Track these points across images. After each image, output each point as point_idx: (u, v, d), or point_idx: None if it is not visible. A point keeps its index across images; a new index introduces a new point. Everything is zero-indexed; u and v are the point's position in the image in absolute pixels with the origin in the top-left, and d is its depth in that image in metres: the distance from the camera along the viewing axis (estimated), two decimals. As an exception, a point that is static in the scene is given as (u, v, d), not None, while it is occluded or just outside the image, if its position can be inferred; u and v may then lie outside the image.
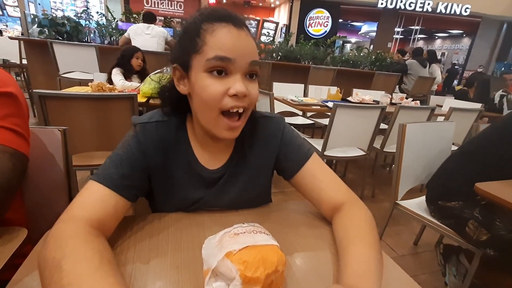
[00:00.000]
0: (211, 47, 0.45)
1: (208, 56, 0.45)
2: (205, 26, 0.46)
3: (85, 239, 0.38)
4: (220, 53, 0.45)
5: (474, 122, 2.25)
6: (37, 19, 3.30)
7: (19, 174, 0.52)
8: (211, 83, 0.46)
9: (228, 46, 0.45)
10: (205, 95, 0.47)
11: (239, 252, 0.35)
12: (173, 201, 0.57)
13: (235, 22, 0.47)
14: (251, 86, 0.49)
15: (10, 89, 0.54)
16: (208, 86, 0.46)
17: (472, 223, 1.00)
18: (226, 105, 0.47)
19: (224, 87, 0.46)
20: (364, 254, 0.42)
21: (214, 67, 0.46)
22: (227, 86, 0.46)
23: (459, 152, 1.19)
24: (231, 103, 0.47)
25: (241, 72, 0.47)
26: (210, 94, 0.46)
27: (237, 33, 0.46)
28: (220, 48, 0.45)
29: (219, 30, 0.46)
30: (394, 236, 1.74)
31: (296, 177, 0.59)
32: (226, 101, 0.47)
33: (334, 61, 4.35)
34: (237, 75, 0.47)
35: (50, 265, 0.34)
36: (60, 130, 0.69)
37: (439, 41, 12.14)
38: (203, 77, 0.46)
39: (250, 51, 0.48)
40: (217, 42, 0.45)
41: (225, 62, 0.45)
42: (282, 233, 0.53)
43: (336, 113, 1.74)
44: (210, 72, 0.46)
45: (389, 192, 2.28)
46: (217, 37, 0.45)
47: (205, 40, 0.46)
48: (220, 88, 0.46)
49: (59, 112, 1.26)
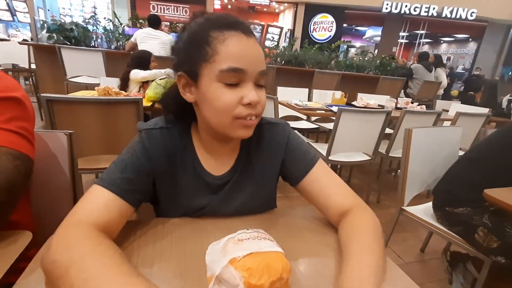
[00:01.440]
0: (224, 58, 0.45)
1: (221, 67, 0.45)
2: (214, 34, 0.46)
3: (96, 240, 0.39)
4: (233, 65, 0.45)
5: (481, 127, 2.22)
6: (46, 25, 3.37)
7: (22, 176, 0.52)
8: (224, 92, 0.46)
9: (240, 56, 0.46)
10: (219, 104, 0.47)
11: (243, 259, 0.35)
12: (178, 207, 0.57)
13: (244, 29, 0.47)
14: (260, 93, 0.49)
15: (16, 94, 0.55)
16: (222, 96, 0.46)
17: (481, 230, 0.98)
18: (240, 114, 0.48)
19: (237, 97, 0.47)
20: (364, 259, 0.42)
21: (228, 77, 0.46)
22: (240, 95, 0.47)
23: (466, 158, 1.17)
24: (246, 111, 0.48)
25: (252, 80, 0.48)
26: (224, 103, 0.47)
27: (247, 42, 0.46)
28: (233, 59, 0.45)
29: (230, 39, 0.45)
30: (401, 242, 1.71)
31: (302, 184, 0.58)
32: (240, 110, 0.47)
33: (338, 66, 4.35)
34: (249, 84, 0.47)
35: (61, 267, 0.34)
36: (66, 134, 0.69)
37: (445, 45, 12.08)
38: (216, 87, 0.46)
39: (260, 59, 0.48)
40: (229, 52, 0.45)
41: (238, 73, 0.46)
42: (286, 239, 0.52)
43: (340, 118, 1.73)
44: (223, 82, 0.46)
45: (394, 197, 2.26)
46: (229, 47, 0.45)
47: (216, 49, 0.45)
48: (234, 97, 0.46)
49: (66, 116, 1.27)
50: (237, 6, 9.33)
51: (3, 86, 0.54)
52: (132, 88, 2.13)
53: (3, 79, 0.55)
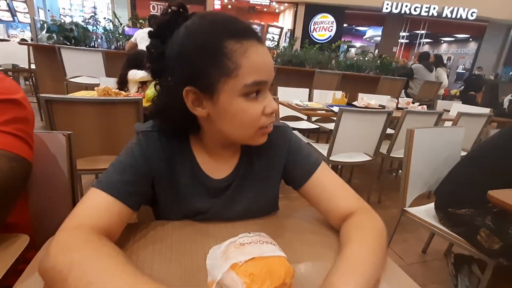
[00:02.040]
0: (248, 72, 0.43)
1: (246, 82, 0.43)
2: (230, 45, 0.42)
3: (100, 242, 0.39)
4: (257, 78, 0.44)
5: (483, 127, 2.21)
6: (46, 25, 3.37)
7: (18, 178, 0.52)
8: (250, 106, 0.46)
9: (261, 68, 0.45)
10: (244, 118, 0.46)
11: (245, 264, 0.34)
12: (178, 210, 0.56)
13: (258, 37, 0.46)
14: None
15: (15, 96, 0.54)
16: (248, 110, 0.46)
17: (483, 231, 0.97)
18: (264, 124, 0.48)
19: (261, 108, 0.47)
20: (357, 255, 0.41)
21: (252, 91, 0.45)
22: (262, 105, 0.47)
23: (468, 158, 1.17)
24: (268, 120, 0.48)
25: (268, 88, 0.48)
26: (250, 117, 0.46)
27: (263, 51, 0.46)
28: (256, 72, 0.44)
29: (250, 50, 0.43)
30: (402, 243, 1.70)
31: (305, 187, 0.57)
32: (264, 120, 0.48)
33: (339, 66, 4.34)
34: (267, 93, 0.47)
35: (61, 273, 0.33)
36: (65, 135, 0.69)
37: (445, 45, 12.08)
38: (240, 101, 0.45)
39: (273, 67, 0.48)
40: (253, 65, 0.44)
41: (261, 86, 0.46)
42: (288, 242, 0.51)
43: (341, 118, 1.72)
44: (247, 96, 0.45)
45: (395, 198, 2.25)
46: (251, 60, 0.43)
47: (238, 62, 0.42)
48: (258, 109, 0.46)
49: (66, 116, 1.27)
50: (237, 6, 9.32)
51: (3, 88, 0.53)
52: (131, 88, 2.12)
53: (3, 81, 0.55)
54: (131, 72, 2.09)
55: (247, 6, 9.15)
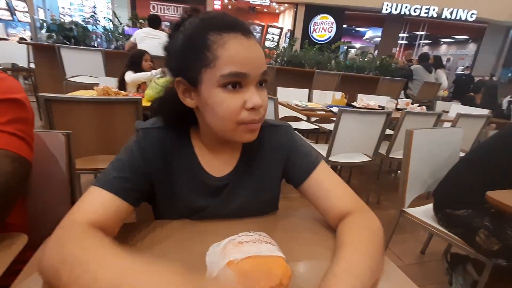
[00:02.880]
0: (225, 62, 0.44)
1: (223, 72, 0.44)
2: (212, 37, 0.44)
3: (93, 235, 0.39)
4: (235, 69, 0.44)
5: (482, 129, 2.22)
6: (45, 24, 3.36)
7: (20, 179, 0.52)
8: (227, 97, 0.45)
9: (242, 60, 0.44)
10: (221, 110, 0.46)
11: (241, 262, 0.34)
12: (177, 208, 0.56)
13: (244, 30, 0.45)
14: (262, 94, 0.48)
15: (17, 95, 0.54)
16: (224, 102, 0.45)
17: (482, 232, 0.97)
18: (244, 119, 0.46)
19: (240, 101, 0.46)
20: (353, 258, 0.41)
21: (229, 82, 0.44)
22: (243, 99, 0.46)
23: (466, 159, 1.17)
24: (249, 116, 0.46)
25: (254, 83, 0.46)
26: (226, 109, 0.45)
27: (248, 44, 0.45)
28: (234, 63, 0.44)
29: (230, 42, 0.44)
30: (401, 244, 1.70)
31: (304, 186, 0.57)
32: (243, 115, 0.46)
33: (338, 66, 4.35)
34: (251, 87, 0.46)
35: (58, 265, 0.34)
36: (64, 134, 0.69)
37: (445, 46, 12.09)
38: (217, 92, 0.45)
39: (261, 61, 0.47)
40: (230, 57, 0.44)
41: (240, 77, 0.45)
42: (287, 241, 0.51)
43: (341, 119, 1.72)
44: (225, 87, 0.45)
45: (394, 198, 2.26)
46: (230, 51, 0.44)
47: (216, 53, 0.44)
48: (236, 102, 0.45)
49: (65, 116, 1.26)
50: (237, 6, 9.32)
51: (4, 88, 0.53)
52: (130, 88, 2.13)
53: (5, 80, 0.55)
54: (126, 74, 2.11)
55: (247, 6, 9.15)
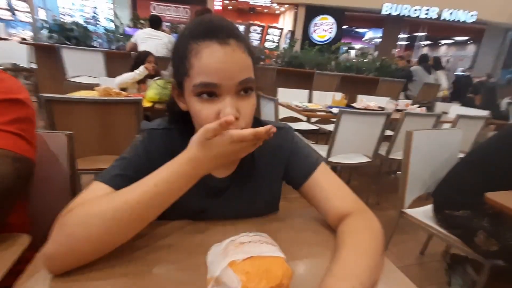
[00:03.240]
0: (197, 72, 0.44)
1: (195, 81, 0.44)
2: (191, 46, 0.44)
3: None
4: (204, 79, 0.43)
5: (481, 130, 2.22)
6: (47, 25, 3.37)
7: (21, 179, 0.52)
8: (202, 107, 0.45)
9: (212, 70, 0.43)
10: (198, 119, 0.46)
11: (242, 262, 0.35)
12: (179, 209, 0.56)
13: (220, 37, 0.43)
14: (244, 103, 0.46)
15: (19, 95, 0.55)
16: (200, 111, 0.45)
17: (481, 233, 0.98)
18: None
19: (214, 111, 0.44)
20: (352, 258, 0.41)
21: (202, 92, 0.44)
22: (218, 109, 0.44)
23: (465, 161, 1.17)
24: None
25: (231, 93, 0.44)
26: (202, 119, 0.45)
27: (221, 53, 0.43)
28: (204, 73, 0.43)
29: (203, 51, 0.43)
30: (400, 244, 1.71)
31: (304, 187, 0.58)
32: None
33: (338, 67, 4.35)
34: (226, 97, 0.44)
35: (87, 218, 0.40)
36: (67, 135, 0.69)
37: (444, 47, 12.12)
38: (194, 101, 0.45)
39: (239, 69, 0.44)
40: (201, 67, 0.43)
41: (211, 88, 0.44)
42: (287, 242, 0.52)
43: (341, 119, 1.73)
44: (200, 96, 0.45)
45: (394, 199, 2.26)
46: (201, 61, 0.43)
47: (191, 63, 0.44)
48: (211, 112, 0.44)
49: (66, 116, 1.27)
50: (238, 7, 9.33)
51: (6, 88, 0.53)
52: (130, 89, 2.13)
53: (7, 81, 0.55)
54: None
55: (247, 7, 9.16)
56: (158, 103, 1.77)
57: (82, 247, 0.39)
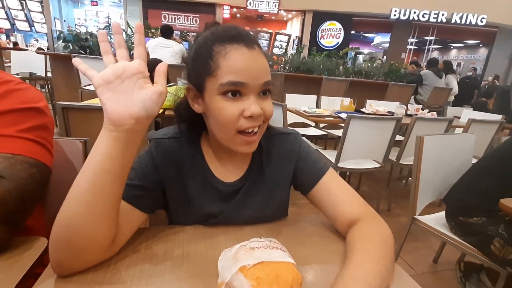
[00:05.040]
0: (225, 71, 0.46)
1: (222, 80, 0.46)
2: (217, 48, 0.47)
3: None
4: (233, 78, 0.46)
5: (495, 135, 2.17)
6: (62, 35, 3.50)
7: (37, 184, 0.53)
8: (226, 105, 0.47)
9: (241, 70, 0.46)
10: (221, 117, 0.48)
11: (253, 268, 0.35)
12: (191, 214, 0.58)
13: (247, 42, 0.47)
14: (265, 103, 0.49)
15: (38, 104, 0.57)
16: (224, 109, 0.47)
17: (497, 240, 0.95)
18: (242, 126, 0.48)
19: (239, 109, 0.47)
20: (363, 265, 0.41)
21: (228, 90, 0.46)
22: (241, 107, 0.47)
23: (479, 166, 1.15)
24: (247, 124, 0.48)
25: (254, 93, 0.48)
26: (225, 116, 0.47)
27: (249, 55, 0.47)
28: (233, 73, 0.46)
29: (232, 53, 0.46)
30: (412, 252, 1.67)
31: (312, 192, 0.58)
32: (241, 123, 0.48)
33: (346, 72, 4.34)
34: (251, 96, 0.47)
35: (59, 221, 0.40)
36: (82, 141, 0.71)
37: (455, 51, 11.91)
38: (218, 100, 0.47)
39: (263, 71, 0.48)
40: (230, 66, 0.46)
41: (239, 86, 0.46)
42: (296, 247, 0.52)
43: (349, 125, 1.72)
44: (225, 95, 0.47)
45: (405, 206, 2.21)
46: (230, 61, 0.46)
47: (218, 63, 0.46)
48: (235, 110, 0.47)
49: (80, 123, 1.31)
50: (246, 14, 9.46)
51: (28, 97, 0.56)
52: None
53: (28, 90, 0.57)
54: None
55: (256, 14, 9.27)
56: (168, 109, 1.80)
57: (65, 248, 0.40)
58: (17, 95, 0.55)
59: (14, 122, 0.52)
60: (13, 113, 0.53)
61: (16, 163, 0.50)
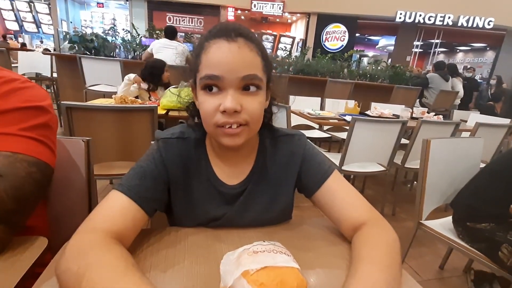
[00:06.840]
0: (204, 66, 0.47)
1: (201, 75, 0.47)
2: (203, 45, 0.48)
3: (107, 247, 0.39)
4: (208, 72, 0.46)
5: (504, 139, 2.13)
6: (68, 36, 3.54)
7: (37, 183, 0.52)
8: (205, 99, 0.48)
9: (216, 63, 0.45)
10: (202, 112, 0.49)
11: (256, 273, 0.34)
12: (193, 217, 0.57)
13: (228, 35, 0.46)
14: (247, 99, 0.47)
15: (42, 103, 0.57)
16: (203, 103, 0.48)
17: (506, 247, 0.93)
18: (218, 121, 0.47)
19: (215, 104, 0.46)
20: (370, 274, 0.40)
21: (206, 85, 0.47)
22: (219, 102, 0.46)
23: (488, 170, 1.12)
24: (222, 119, 0.47)
25: (233, 87, 0.46)
26: (204, 110, 0.48)
27: (227, 48, 0.45)
28: (208, 66, 0.46)
29: (211, 47, 0.46)
30: (418, 258, 1.64)
31: (316, 195, 0.57)
32: (217, 117, 0.47)
33: (351, 75, 4.32)
34: (228, 90, 0.46)
35: (75, 275, 0.34)
36: (84, 141, 0.71)
37: (461, 54, 11.82)
38: (201, 94, 0.49)
39: (242, 65, 0.46)
40: (207, 60, 0.46)
41: (214, 80, 0.46)
42: (300, 250, 0.51)
43: (354, 127, 1.70)
44: (205, 89, 0.47)
45: (410, 210, 2.18)
46: (208, 55, 0.46)
47: (201, 58, 0.48)
48: (212, 104, 0.47)
49: (84, 123, 1.31)
50: (250, 17, 9.50)
51: (32, 96, 0.56)
52: (143, 97, 2.18)
53: (33, 89, 0.57)
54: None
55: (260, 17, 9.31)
56: (172, 110, 1.81)
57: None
58: (22, 94, 0.54)
59: (17, 121, 0.52)
60: (16, 112, 0.52)
61: (16, 161, 0.49)
